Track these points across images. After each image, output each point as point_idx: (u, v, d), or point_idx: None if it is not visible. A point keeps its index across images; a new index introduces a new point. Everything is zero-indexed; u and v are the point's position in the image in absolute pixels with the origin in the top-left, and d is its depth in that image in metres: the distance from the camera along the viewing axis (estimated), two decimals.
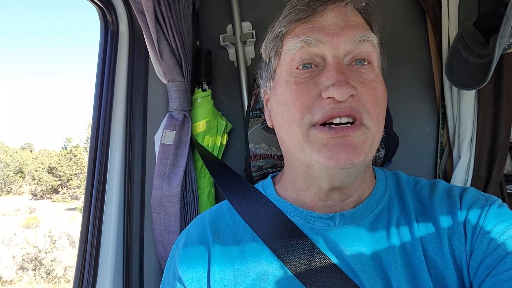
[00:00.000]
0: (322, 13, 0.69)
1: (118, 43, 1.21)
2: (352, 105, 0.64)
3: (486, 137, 1.10)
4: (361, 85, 0.66)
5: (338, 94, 0.62)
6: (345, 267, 0.69)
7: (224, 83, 1.42)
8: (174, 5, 1.13)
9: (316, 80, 0.67)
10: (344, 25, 0.68)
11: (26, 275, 11.42)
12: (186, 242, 0.81)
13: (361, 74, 0.67)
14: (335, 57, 0.67)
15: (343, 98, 0.63)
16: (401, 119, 1.22)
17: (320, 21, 0.69)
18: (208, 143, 1.27)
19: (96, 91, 1.18)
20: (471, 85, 1.00)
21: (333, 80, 0.64)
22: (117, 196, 1.15)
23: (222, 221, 0.83)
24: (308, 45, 0.68)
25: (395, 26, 1.27)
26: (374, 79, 0.68)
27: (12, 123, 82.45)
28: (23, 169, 28.50)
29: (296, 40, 0.69)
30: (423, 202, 0.75)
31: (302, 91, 0.68)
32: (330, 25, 0.68)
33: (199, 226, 0.84)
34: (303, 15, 0.70)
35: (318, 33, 0.68)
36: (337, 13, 0.69)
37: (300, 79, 0.69)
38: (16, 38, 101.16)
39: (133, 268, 1.16)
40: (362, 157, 0.65)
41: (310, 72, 0.69)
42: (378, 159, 1.02)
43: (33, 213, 20.18)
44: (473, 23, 1.07)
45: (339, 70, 0.65)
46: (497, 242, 0.63)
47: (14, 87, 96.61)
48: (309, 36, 0.68)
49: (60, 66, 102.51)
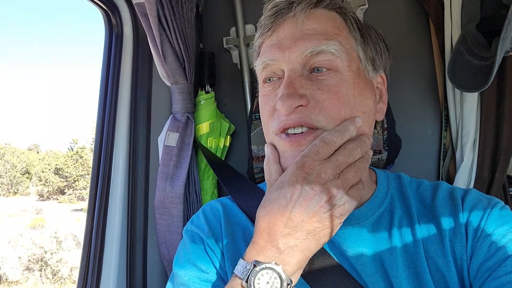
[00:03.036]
0: (279, 26, 0.71)
1: (123, 45, 1.22)
2: (301, 115, 0.65)
3: (489, 139, 1.10)
4: (318, 92, 0.66)
5: (284, 107, 0.64)
6: (347, 268, 0.70)
7: (227, 85, 1.43)
8: (178, 8, 1.14)
9: (276, 93, 0.69)
10: (298, 36, 0.68)
11: (32, 276, 11.47)
12: (206, 218, 0.83)
13: (320, 81, 0.67)
14: (288, 70, 0.68)
15: (288, 111, 0.64)
16: (404, 121, 1.22)
17: (278, 35, 0.71)
18: (211, 145, 1.27)
19: (100, 93, 1.20)
20: (473, 88, 1.00)
21: (281, 93, 0.65)
22: (121, 197, 1.17)
23: (232, 212, 0.84)
24: (267, 65, 0.71)
25: (398, 29, 1.27)
26: (337, 83, 0.66)
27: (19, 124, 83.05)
28: (30, 170, 28.68)
29: (259, 61, 0.72)
30: (425, 203, 0.75)
31: (266, 104, 0.71)
32: (286, 38, 0.69)
33: (213, 210, 0.85)
34: (265, 30, 0.73)
35: (273, 50, 0.69)
36: (290, 23, 0.70)
37: (266, 92, 0.72)
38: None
39: (136, 268, 1.17)
40: None
41: (272, 85, 0.71)
42: (381, 161, 1.02)
43: (39, 214, 20.27)
44: (475, 26, 1.06)
45: (288, 83, 0.66)
46: (498, 245, 0.63)
47: (17, 88, 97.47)
48: (267, 56, 0.70)
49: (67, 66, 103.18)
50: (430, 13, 1.20)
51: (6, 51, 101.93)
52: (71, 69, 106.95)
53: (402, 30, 1.28)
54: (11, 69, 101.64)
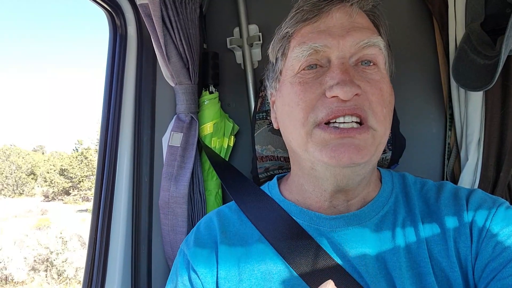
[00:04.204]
0: (327, 14, 0.70)
1: (127, 46, 1.22)
2: (357, 104, 0.64)
3: (493, 138, 1.09)
4: (367, 84, 0.66)
5: (342, 92, 0.63)
6: (349, 269, 0.69)
7: (231, 86, 1.43)
8: (181, 9, 1.14)
9: (321, 80, 0.67)
10: (350, 27, 0.68)
11: (37, 276, 11.55)
12: (197, 239, 0.82)
13: (367, 74, 0.68)
14: (340, 58, 0.67)
15: (348, 97, 0.63)
16: (408, 120, 1.22)
17: (325, 22, 0.70)
18: (215, 145, 1.28)
19: (105, 93, 1.20)
20: (478, 87, 1.00)
21: (338, 79, 0.64)
22: (126, 197, 1.17)
23: (230, 221, 0.83)
24: (316, 52, 0.69)
25: (402, 28, 1.27)
26: (380, 79, 0.68)
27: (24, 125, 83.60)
28: (35, 171, 28.86)
29: (304, 47, 0.69)
30: (429, 204, 0.74)
31: (306, 91, 0.68)
32: (335, 26, 0.69)
33: (208, 225, 0.85)
34: (309, 16, 0.70)
35: (325, 37, 0.68)
36: (342, 13, 0.69)
37: (304, 79, 0.69)
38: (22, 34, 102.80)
39: (141, 269, 1.17)
40: (366, 158, 0.64)
41: (314, 72, 0.69)
42: (385, 161, 1.02)
43: (44, 215, 20.40)
44: (480, 24, 1.06)
45: (344, 70, 0.65)
46: (504, 246, 0.63)
47: (20, 89, 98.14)
48: (316, 42, 0.68)
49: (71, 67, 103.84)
50: (434, 11, 1.19)
51: (12, 52, 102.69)
52: (76, 69, 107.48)
53: (406, 29, 1.27)
54: (15, 70, 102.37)
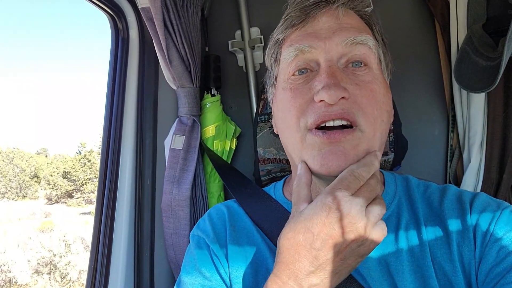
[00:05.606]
0: (314, 18, 0.70)
1: (129, 50, 1.23)
2: (344, 107, 0.64)
3: (496, 140, 1.09)
4: (356, 87, 0.65)
5: (327, 96, 0.62)
6: (352, 271, 0.69)
7: (233, 88, 1.43)
8: (183, 12, 1.15)
9: (310, 85, 0.67)
10: (337, 28, 0.68)
11: (41, 279, 11.56)
12: (211, 222, 0.83)
13: (357, 76, 0.67)
14: (327, 60, 0.67)
15: (333, 101, 0.63)
16: (411, 122, 1.22)
17: (313, 26, 0.70)
18: (218, 148, 1.28)
19: (107, 96, 1.21)
20: (480, 88, 0.99)
21: (324, 83, 0.64)
22: (128, 200, 1.17)
23: (238, 216, 0.84)
24: (302, 53, 0.69)
25: (404, 29, 1.27)
26: (372, 80, 0.67)
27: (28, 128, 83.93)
28: (38, 173, 28.95)
29: (291, 49, 0.70)
30: (432, 207, 0.74)
31: (296, 97, 0.68)
32: (322, 29, 0.69)
33: (219, 214, 0.85)
34: (297, 21, 0.71)
35: (311, 39, 0.68)
36: (329, 16, 0.69)
37: (295, 85, 0.70)
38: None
39: (144, 271, 1.17)
40: (351, 162, 0.63)
41: (305, 77, 0.69)
42: (388, 163, 1.01)
43: (48, 218, 20.45)
44: (481, 26, 1.06)
45: (330, 73, 0.65)
46: (508, 250, 0.62)
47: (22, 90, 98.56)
48: (302, 43, 0.68)
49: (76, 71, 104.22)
50: (436, 13, 1.19)
51: (14, 55, 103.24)
52: (79, 73, 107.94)
53: (408, 31, 1.27)
54: (19, 73, 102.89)
